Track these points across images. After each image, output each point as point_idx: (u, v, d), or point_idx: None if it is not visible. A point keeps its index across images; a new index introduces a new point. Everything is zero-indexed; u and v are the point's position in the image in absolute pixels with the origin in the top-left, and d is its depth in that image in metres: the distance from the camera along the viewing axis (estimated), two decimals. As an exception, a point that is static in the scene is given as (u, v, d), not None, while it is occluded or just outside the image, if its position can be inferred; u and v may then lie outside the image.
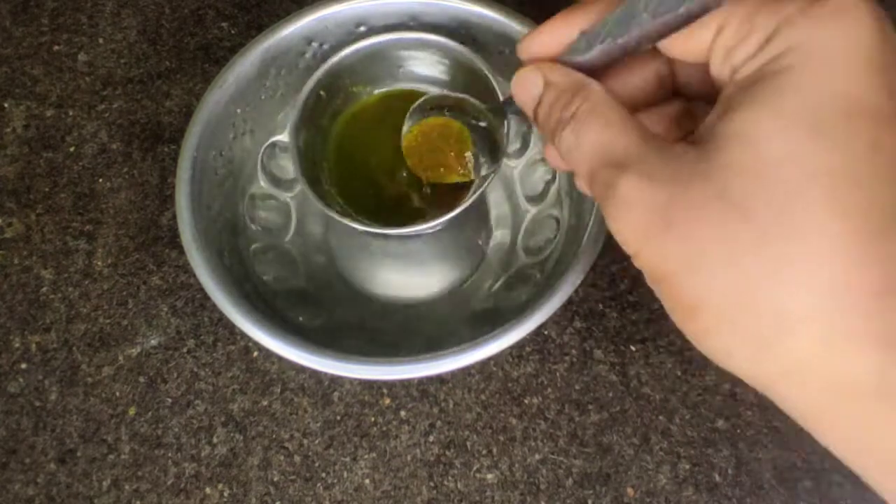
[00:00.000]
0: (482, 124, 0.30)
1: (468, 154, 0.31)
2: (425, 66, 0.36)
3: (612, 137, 0.19)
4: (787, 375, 0.17)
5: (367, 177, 0.35)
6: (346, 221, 0.31)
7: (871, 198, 0.16)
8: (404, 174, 0.34)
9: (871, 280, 0.15)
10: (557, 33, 0.22)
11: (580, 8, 0.21)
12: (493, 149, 0.31)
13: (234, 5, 0.47)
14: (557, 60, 0.22)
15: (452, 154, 0.31)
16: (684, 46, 0.19)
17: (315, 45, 0.37)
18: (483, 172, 0.31)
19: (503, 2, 0.35)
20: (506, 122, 0.30)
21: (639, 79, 0.22)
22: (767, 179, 0.16)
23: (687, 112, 0.23)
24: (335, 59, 0.33)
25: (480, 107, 0.30)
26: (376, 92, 0.37)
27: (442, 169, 0.32)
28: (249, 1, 0.47)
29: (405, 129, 0.31)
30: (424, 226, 0.31)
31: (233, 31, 0.46)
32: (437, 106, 0.31)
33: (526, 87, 0.23)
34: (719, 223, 0.17)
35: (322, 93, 0.34)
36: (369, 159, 0.35)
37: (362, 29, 0.37)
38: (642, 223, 0.18)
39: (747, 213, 0.16)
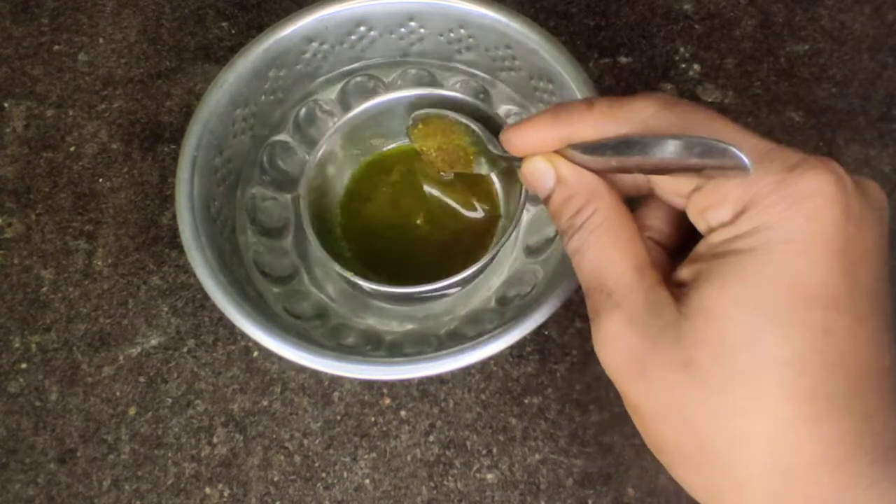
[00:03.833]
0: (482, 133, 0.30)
1: (473, 151, 0.31)
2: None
3: (610, 262, 0.21)
4: None
5: (379, 227, 0.34)
6: (357, 279, 0.31)
7: (817, 385, 0.18)
8: (418, 222, 0.34)
9: (808, 455, 0.18)
10: (541, 135, 0.23)
11: (566, 115, 0.22)
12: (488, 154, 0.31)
13: (234, 5, 0.47)
14: (562, 154, 0.23)
15: (458, 147, 0.32)
16: (667, 187, 0.22)
17: (315, 45, 0.37)
18: (483, 171, 0.31)
19: (503, 2, 0.35)
20: (522, 191, 0.29)
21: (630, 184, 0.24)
22: (726, 359, 0.19)
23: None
24: (356, 111, 0.33)
25: (494, 152, 0.29)
26: (393, 146, 0.36)
27: (452, 157, 0.32)
28: (249, 1, 0.47)
29: (410, 122, 0.32)
30: (437, 285, 0.30)
31: (233, 31, 0.46)
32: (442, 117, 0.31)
33: (537, 178, 0.24)
34: (683, 388, 0.19)
35: (340, 144, 0.34)
36: (384, 210, 0.35)
37: (362, 29, 0.37)
38: (622, 361, 0.20)
39: (707, 384, 0.19)
